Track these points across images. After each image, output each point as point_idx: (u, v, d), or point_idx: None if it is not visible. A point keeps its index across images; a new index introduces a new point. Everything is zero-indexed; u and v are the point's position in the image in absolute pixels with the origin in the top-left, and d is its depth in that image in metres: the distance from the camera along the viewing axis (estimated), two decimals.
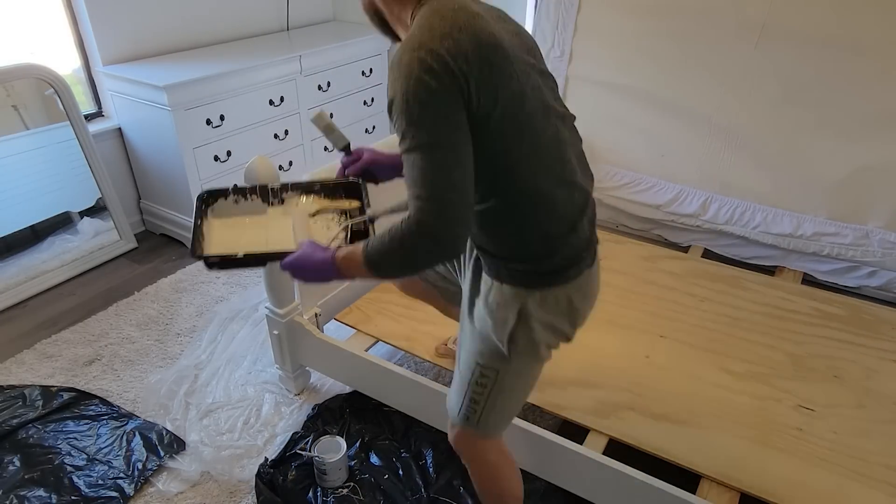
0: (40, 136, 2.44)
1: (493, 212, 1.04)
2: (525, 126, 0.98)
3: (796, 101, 2.16)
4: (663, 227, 2.55)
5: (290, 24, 3.34)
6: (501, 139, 0.97)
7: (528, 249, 1.06)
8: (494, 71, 0.94)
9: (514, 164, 1.00)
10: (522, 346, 1.11)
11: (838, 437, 1.50)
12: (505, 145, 0.98)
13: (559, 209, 1.04)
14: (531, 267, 1.06)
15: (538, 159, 1.01)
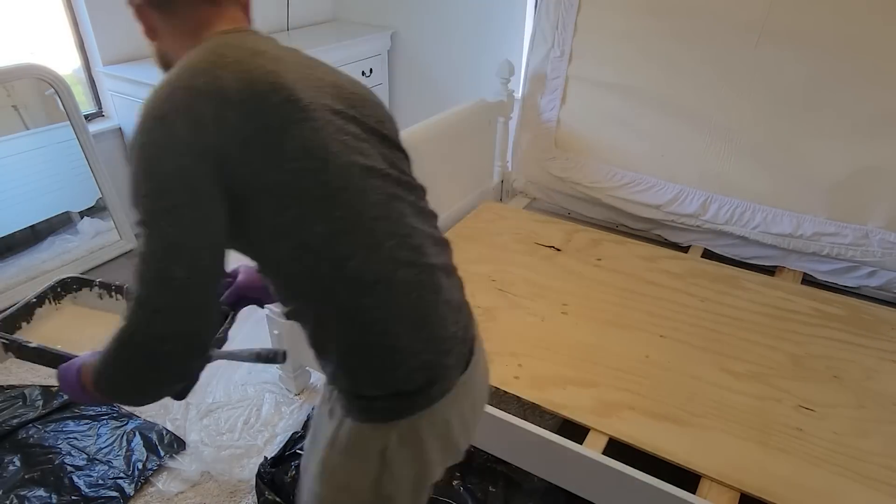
0: (40, 136, 2.44)
1: (299, 314, 0.81)
2: (327, 194, 0.74)
3: (796, 100, 2.16)
4: (663, 227, 2.55)
5: (291, 23, 3.34)
6: (284, 211, 0.72)
7: (365, 365, 0.80)
8: (269, 121, 0.70)
9: (316, 244, 0.74)
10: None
11: (838, 438, 1.50)
12: (294, 219, 0.73)
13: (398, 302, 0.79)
14: (375, 391, 0.81)
15: (355, 236, 0.76)
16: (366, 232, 0.76)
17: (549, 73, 2.60)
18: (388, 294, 0.78)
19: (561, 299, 1.98)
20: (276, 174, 0.70)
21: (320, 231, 0.73)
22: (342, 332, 0.78)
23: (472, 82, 3.28)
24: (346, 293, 0.76)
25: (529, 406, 1.61)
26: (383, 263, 0.77)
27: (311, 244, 0.74)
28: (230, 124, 0.68)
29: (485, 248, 2.26)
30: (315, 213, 0.73)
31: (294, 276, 0.77)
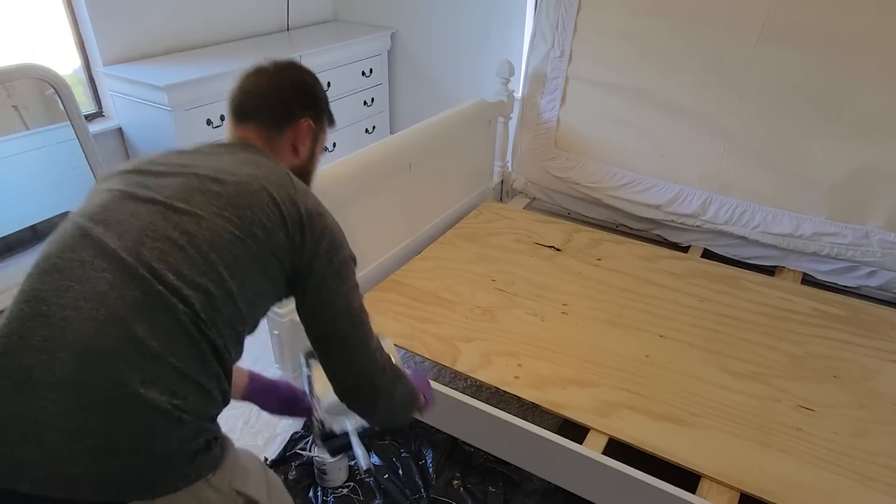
0: (41, 136, 2.44)
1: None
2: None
3: (796, 100, 2.16)
4: (663, 227, 2.56)
5: (291, 24, 3.35)
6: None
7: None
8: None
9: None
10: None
11: (838, 438, 1.50)
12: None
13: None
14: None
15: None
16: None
17: (548, 73, 2.60)
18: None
19: (561, 299, 1.98)
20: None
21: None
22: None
23: (472, 82, 3.28)
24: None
25: (529, 406, 1.61)
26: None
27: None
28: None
29: (485, 248, 2.26)
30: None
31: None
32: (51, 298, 0.78)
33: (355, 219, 1.96)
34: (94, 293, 0.76)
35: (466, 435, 1.62)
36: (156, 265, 0.78)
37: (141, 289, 0.77)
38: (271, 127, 0.98)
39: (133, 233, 0.79)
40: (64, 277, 0.80)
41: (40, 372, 0.72)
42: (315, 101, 1.05)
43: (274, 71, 1.00)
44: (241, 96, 0.99)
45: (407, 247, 2.27)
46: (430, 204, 2.37)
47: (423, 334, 1.80)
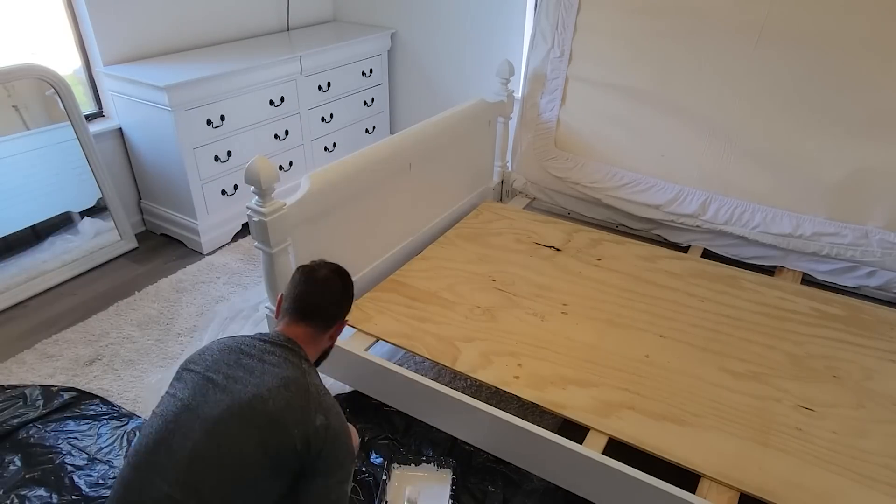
0: (41, 136, 2.44)
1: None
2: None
3: (796, 100, 2.17)
4: (663, 227, 2.56)
5: (291, 24, 3.35)
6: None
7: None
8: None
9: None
10: None
11: (838, 437, 1.51)
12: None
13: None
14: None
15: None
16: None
17: (548, 74, 2.60)
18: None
19: (561, 299, 1.99)
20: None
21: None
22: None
23: (472, 82, 3.28)
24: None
25: (529, 406, 1.61)
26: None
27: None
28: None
29: (485, 248, 2.26)
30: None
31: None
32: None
33: (355, 219, 1.97)
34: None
35: (466, 434, 1.63)
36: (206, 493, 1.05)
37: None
38: (318, 328, 1.29)
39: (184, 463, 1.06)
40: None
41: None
42: (350, 304, 1.36)
43: (325, 284, 1.30)
44: (299, 302, 1.28)
45: (407, 247, 2.27)
46: (430, 204, 2.37)
47: (423, 334, 1.80)
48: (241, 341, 1.23)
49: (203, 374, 1.16)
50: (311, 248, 1.82)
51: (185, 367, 1.21)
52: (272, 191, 1.60)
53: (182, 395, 1.14)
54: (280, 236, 1.65)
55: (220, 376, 1.15)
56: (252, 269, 2.61)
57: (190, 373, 1.18)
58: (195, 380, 1.16)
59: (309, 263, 1.36)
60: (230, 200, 2.78)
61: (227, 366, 1.17)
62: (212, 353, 1.21)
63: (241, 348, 1.21)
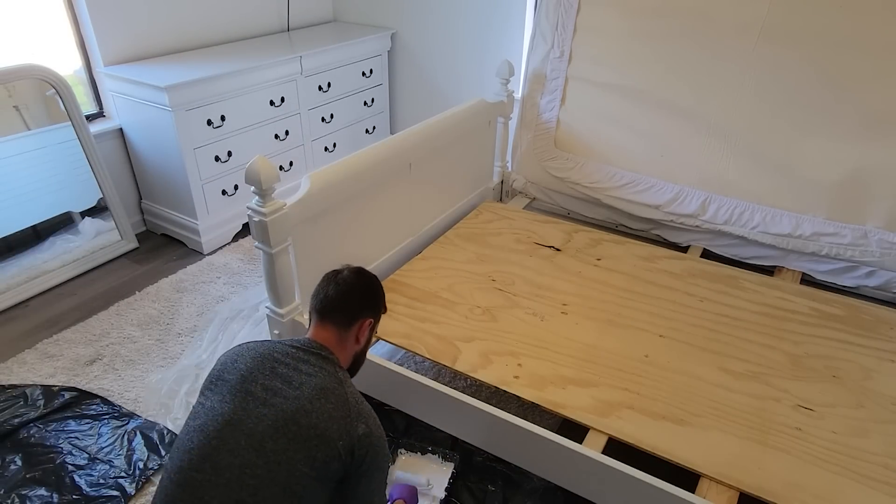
0: (42, 136, 2.45)
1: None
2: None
3: (795, 100, 2.17)
4: (662, 227, 2.56)
5: (291, 24, 3.35)
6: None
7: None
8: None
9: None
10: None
11: (837, 437, 1.51)
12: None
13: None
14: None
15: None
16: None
17: (548, 74, 2.60)
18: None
19: (561, 299, 1.99)
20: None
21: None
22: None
23: (472, 82, 3.28)
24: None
25: (529, 405, 1.61)
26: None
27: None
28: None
29: (485, 248, 2.26)
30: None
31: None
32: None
33: (355, 219, 1.97)
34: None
35: (466, 434, 1.63)
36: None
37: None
38: (342, 326, 1.29)
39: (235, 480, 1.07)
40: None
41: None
42: (375, 303, 1.36)
43: (345, 281, 1.32)
44: (321, 302, 1.30)
45: (407, 247, 2.27)
46: (430, 204, 2.37)
47: (423, 334, 1.81)
48: (273, 348, 1.22)
49: (240, 385, 1.14)
50: (312, 248, 1.82)
51: (217, 377, 1.18)
52: (272, 191, 1.61)
53: (222, 410, 1.12)
54: (280, 236, 1.66)
55: (259, 388, 1.13)
56: (252, 269, 2.62)
57: (224, 383, 1.16)
58: (232, 392, 1.14)
59: (335, 269, 1.38)
60: (230, 200, 2.78)
61: (263, 376, 1.15)
62: (244, 361, 1.19)
63: (274, 356, 1.19)
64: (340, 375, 1.21)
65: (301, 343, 1.23)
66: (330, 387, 1.16)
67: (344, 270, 1.36)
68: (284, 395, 1.12)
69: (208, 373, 1.22)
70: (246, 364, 1.18)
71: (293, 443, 1.08)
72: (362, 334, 1.33)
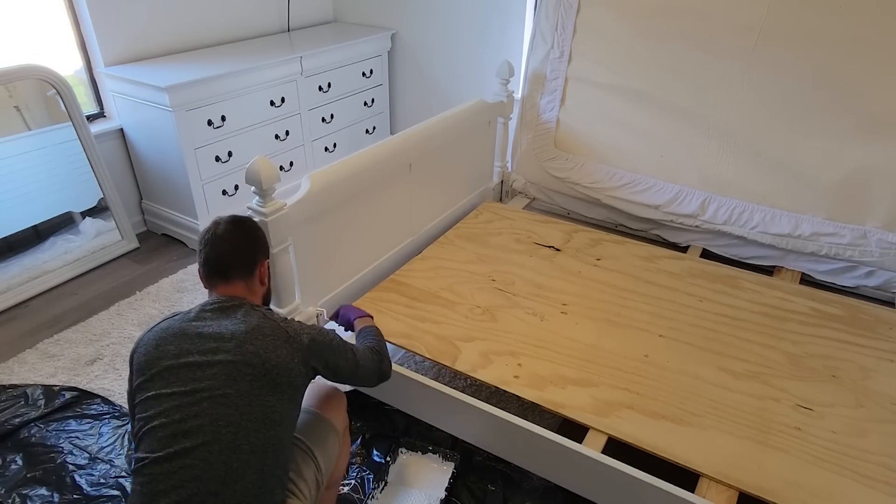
0: (42, 136, 2.45)
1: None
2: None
3: (794, 101, 2.17)
4: (662, 227, 2.56)
5: (291, 25, 3.36)
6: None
7: None
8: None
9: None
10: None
11: (836, 437, 1.51)
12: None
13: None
14: None
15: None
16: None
17: (548, 74, 2.61)
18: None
19: (560, 299, 1.99)
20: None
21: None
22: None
23: (472, 83, 3.29)
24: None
25: (529, 405, 1.61)
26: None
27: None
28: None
29: (485, 248, 2.27)
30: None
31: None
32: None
33: (356, 219, 1.97)
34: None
35: (466, 433, 1.63)
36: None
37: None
38: (245, 277, 1.30)
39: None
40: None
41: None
42: (264, 244, 1.37)
43: (230, 235, 1.29)
44: (217, 260, 1.27)
45: (407, 247, 2.27)
46: (430, 204, 2.38)
47: (423, 334, 1.81)
48: (188, 318, 1.20)
49: (177, 364, 1.13)
50: (312, 247, 1.82)
51: (146, 367, 1.15)
52: (273, 191, 1.61)
53: (170, 390, 1.10)
54: (281, 236, 1.66)
55: (197, 356, 1.13)
56: None
57: (161, 369, 1.13)
58: (172, 372, 1.12)
59: (209, 225, 1.32)
60: (231, 201, 2.79)
61: (194, 345, 1.15)
62: (168, 342, 1.16)
63: (193, 325, 1.18)
64: (262, 310, 1.24)
65: (212, 303, 1.23)
66: (259, 323, 1.20)
67: (219, 225, 1.30)
68: (224, 349, 1.14)
69: (133, 363, 1.18)
70: (172, 344, 1.15)
71: (255, 381, 1.12)
72: (264, 275, 1.35)
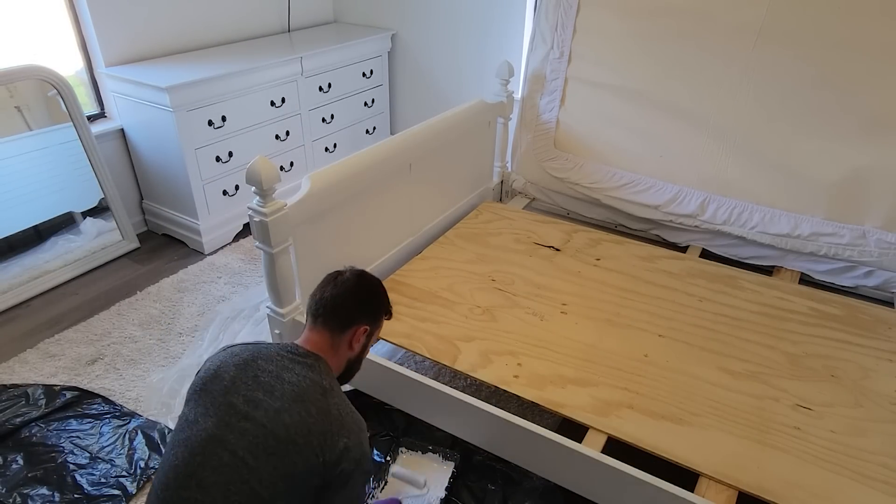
0: (43, 136, 2.46)
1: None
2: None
3: (793, 101, 2.18)
4: (662, 227, 2.57)
5: (291, 25, 3.36)
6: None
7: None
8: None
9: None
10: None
11: (836, 437, 1.52)
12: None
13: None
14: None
15: None
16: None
17: (548, 74, 2.61)
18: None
19: (560, 299, 1.99)
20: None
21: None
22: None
23: (472, 83, 3.29)
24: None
25: (529, 405, 1.62)
26: None
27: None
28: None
29: (485, 248, 2.27)
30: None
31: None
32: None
33: (356, 219, 1.98)
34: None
35: (466, 433, 1.64)
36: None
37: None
38: (335, 330, 1.26)
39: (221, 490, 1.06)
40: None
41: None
42: (373, 309, 1.32)
43: (343, 284, 1.29)
44: (316, 303, 1.27)
45: (407, 247, 2.28)
46: (430, 204, 2.38)
47: (423, 334, 1.81)
48: (258, 354, 1.18)
49: (223, 397, 1.12)
50: (312, 248, 1.83)
51: (202, 386, 1.16)
52: (273, 191, 1.61)
53: (205, 425, 1.10)
54: (281, 236, 1.66)
55: (241, 400, 1.11)
56: (253, 268, 2.62)
57: (208, 394, 1.14)
58: (215, 405, 1.12)
59: (338, 270, 1.34)
60: (231, 201, 2.79)
61: (245, 386, 1.13)
62: (228, 369, 1.16)
63: (258, 364, 1.16)
64: (326, 384, 1.17)
65: (288, 349, 1.20)
66: (312, 398, 1.13)
67: (346, 272, 1.32)
68: (266, 406, 1.10)
69: (195, 377, 1.20)
70: (229, 373, 1.15)
71: (273, 458, 1.07)
72: (357, 341, 1.28)
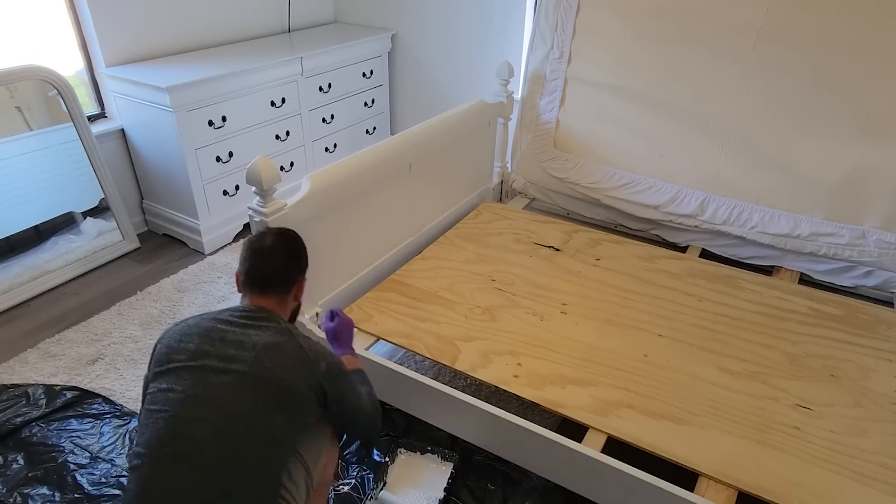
0: (44, 137, 2.46)
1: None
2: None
3: (793, 101, 2.18)
4: (661, 227, 2.57)
5: (292, 25, 3.36)
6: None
7: None
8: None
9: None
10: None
11: (835, 436, 1.52)
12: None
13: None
14: None
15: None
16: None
17: (548, 75, 2.61)
18: None
19: (560, 299, 2.00)
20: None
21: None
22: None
23: (472, 83, 3.29)
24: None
25: (529, 405, 1.62)
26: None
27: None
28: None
29: (485, 248, 2.27)
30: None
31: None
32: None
33: (356, 219, 1.98)
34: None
35: (466, 433, 1.64)
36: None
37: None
38: (282, 294, 1.32)
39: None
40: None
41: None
42: (304, 261, 1.39)
43: (274, 253, 1.31)
44: (254, 276, 1.30)
45: (407, 247, 2.28)
46: (430, 204, 2.38)
47: (423, 333, 1.82)
48: (216, 319, 1.23)
49: (193, 363, 1.15)
50: (312, 248, 1.82)
51: (166, 360, 1.17)
52: (273, 191, 1.61)
53: (182, 388, 1.12)
54: None
55: (214, 360, 1.15)
56: None
57: (178, 365, 1.16)
58: (189, 370, 1.14)
59: (254, 234, 1.36)
60: (232, 201, 2.79)
61: (214, 348, 1.17)
62: (191, 339, 1.19)
63: (219, 328, 1.20)
64: (287, 327, 1.24)
65: (241, 310, 1.25)
66: (282, 340, 1.20)
67: (265, 238, 1.33)
68: (242, 358, 1.15)
69: (154, 351, 1.22)
70: (193, 342, 1.18)
71: (263, 398, 1.12)
72: (300, 292, 1.37)
